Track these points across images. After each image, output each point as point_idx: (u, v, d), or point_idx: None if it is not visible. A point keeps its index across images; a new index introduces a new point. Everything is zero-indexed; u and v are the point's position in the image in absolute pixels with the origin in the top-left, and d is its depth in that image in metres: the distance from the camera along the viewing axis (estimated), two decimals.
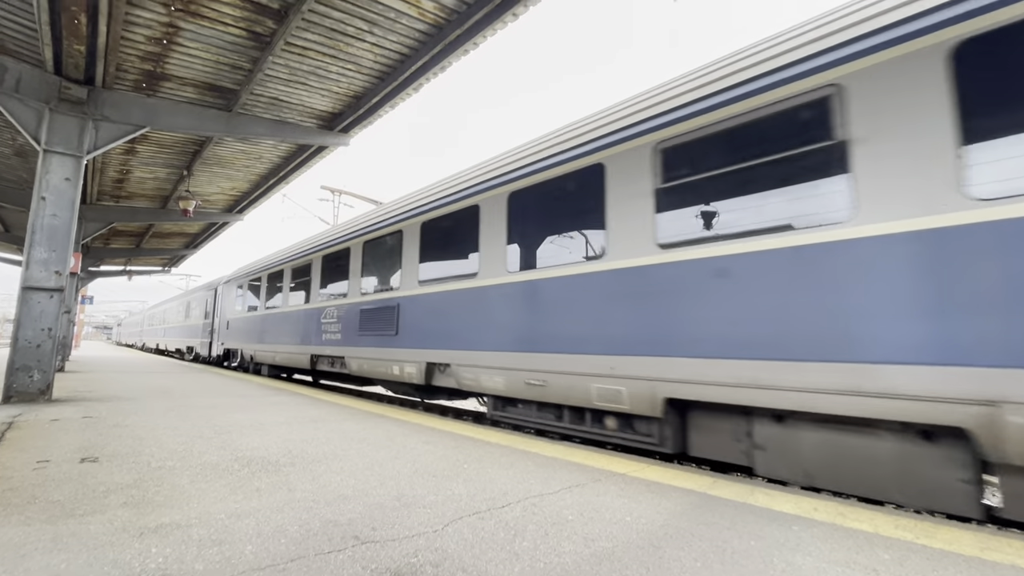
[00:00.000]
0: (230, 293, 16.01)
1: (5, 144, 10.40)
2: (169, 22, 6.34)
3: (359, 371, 8.16)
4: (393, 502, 2.75)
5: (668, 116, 4.34)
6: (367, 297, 8.21)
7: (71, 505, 2.57)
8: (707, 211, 4.22)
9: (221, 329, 16.60)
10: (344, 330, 8.68)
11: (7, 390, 6.40)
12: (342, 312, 8.84)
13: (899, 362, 2.95)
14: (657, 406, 4.15)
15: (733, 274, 3.77)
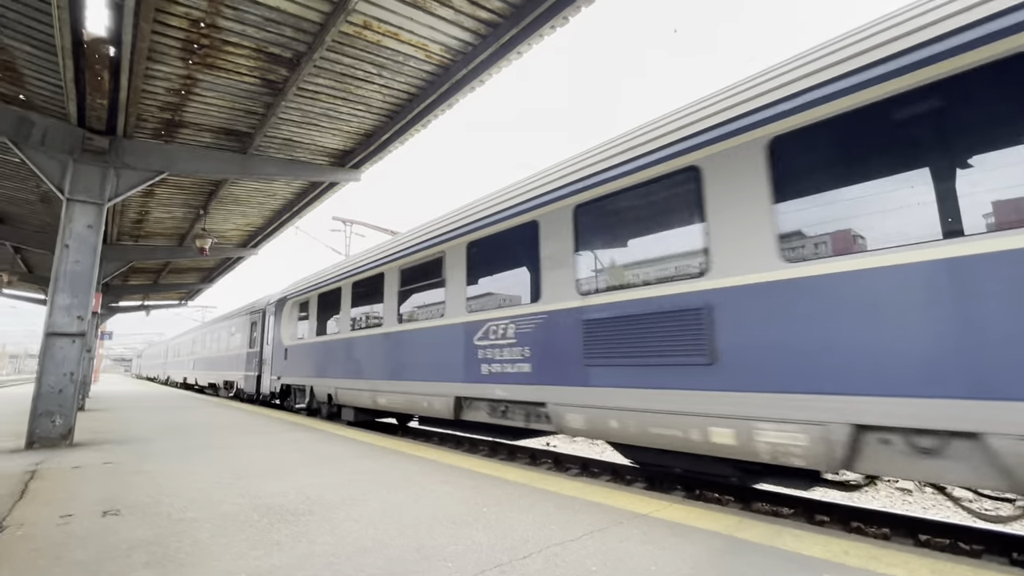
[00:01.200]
0: (288, 314, 12.76)
1: (30, 192, 10.78)
2: (187, 74, 6.60)
3: (623, 434, 4.58)
4: (414, 554, 2.72)
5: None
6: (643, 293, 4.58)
7: (95, 566, 2.58)
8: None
9: (275, 360, 13.25)
10: (547, 355, 5.43)
11: (30, 436, 6.50)
12: (541, 325, 5.52)
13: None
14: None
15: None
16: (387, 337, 8.28)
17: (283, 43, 6.09)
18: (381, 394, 8.25)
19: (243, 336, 16.67)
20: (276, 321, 13.50)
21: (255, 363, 15.15)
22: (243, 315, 17.10)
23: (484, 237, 6.55)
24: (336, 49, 6.24)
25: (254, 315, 15.81)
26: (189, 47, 6.08)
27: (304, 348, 11.58)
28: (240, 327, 17.17)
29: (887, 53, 3.37)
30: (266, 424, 9.21)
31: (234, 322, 18.25)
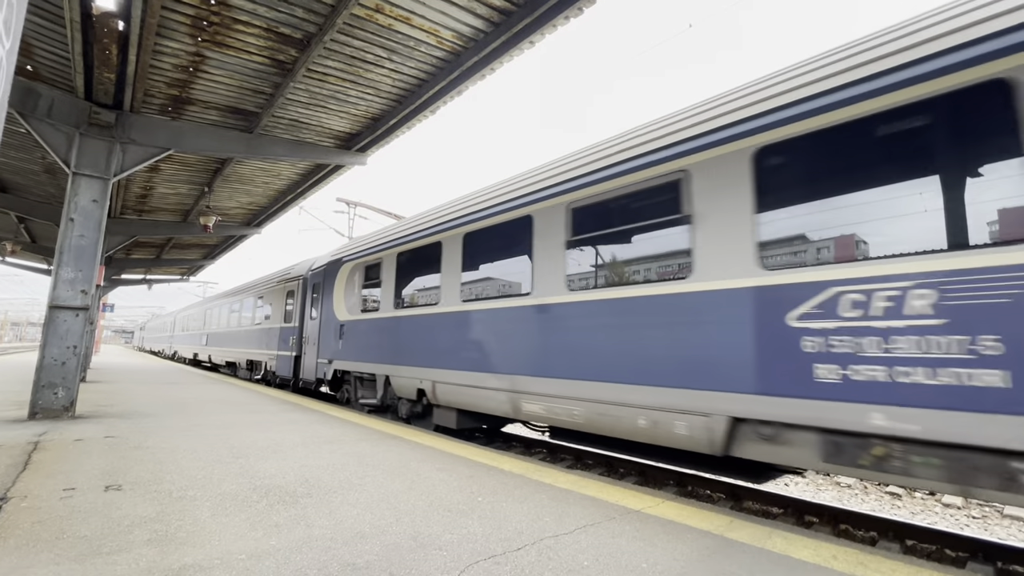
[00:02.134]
0: (344, 280, 9.95)
1: (35, 162, 10.75)
2: (196, 51, 6.55)
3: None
4: (409, 542, 2.77)
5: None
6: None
7: (98, 541, 2.63)
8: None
9: (324, 338, 10.58)
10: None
11: (32, 407, 6.57)
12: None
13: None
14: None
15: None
16: (546, 313, 5.50)
17: (294, 23, 6.03)
18: (529, 398, 5.59)
19: (275, 308, 13.80)
20: (325, 290, 10.72)
21: (292, 341, 12.30)
22: (274, 284, 14.28)
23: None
24: (347, 31, 6.17)
25: (289, 283, 13.09)
26: (199, 24, 6.02)
27: (374, 325, 8.72)
28: (271, 298, 14.30)
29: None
30: (265, 403, 9.30)
31: (263, 292, 15.22)
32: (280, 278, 14.05)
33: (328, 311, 10.50)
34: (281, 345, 13.03)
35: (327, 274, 10.82)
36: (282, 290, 13.60)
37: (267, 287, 14.96)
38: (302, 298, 12.19)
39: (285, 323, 13.01)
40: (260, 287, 15.79)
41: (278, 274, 14.60)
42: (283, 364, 12.69)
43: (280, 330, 13.27)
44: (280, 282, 13.91)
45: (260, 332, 15.00)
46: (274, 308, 14.04)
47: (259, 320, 15.30)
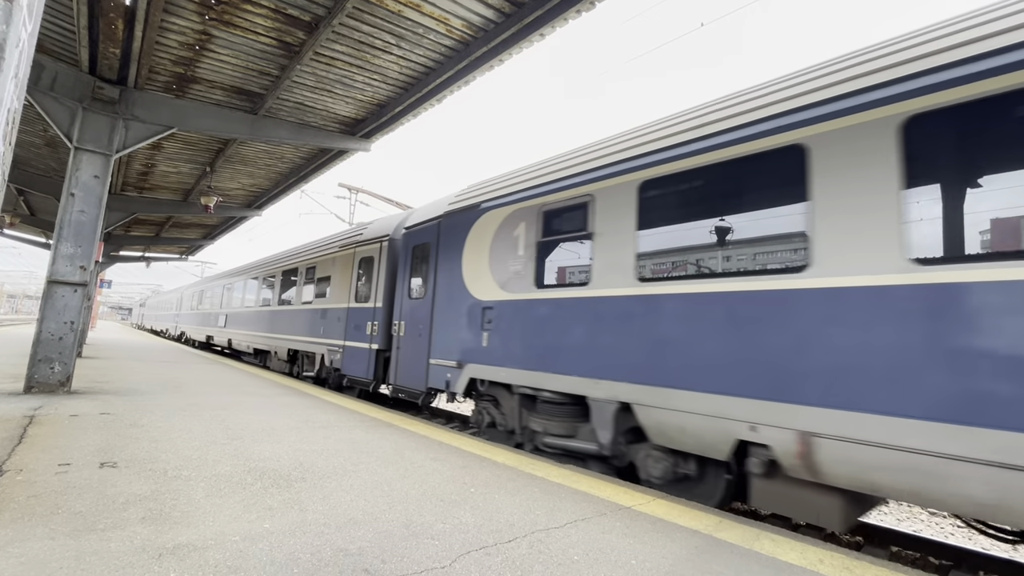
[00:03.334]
0: (492, 239, 6.50)
1: (37, 135, 10.68)
2: (203, 29, 6.48)
3: None
4: (402, 530, 2.80)
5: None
6: None
7: (92, 517, 2.65)
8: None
9: (443, 329, 7.11)
10: None
11: (28, 380, 6.58)
12: None
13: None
14: None
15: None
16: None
17: (302, 5, 5.97)
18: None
19: (337, 283, 10.30)
20: (441, 256, 7.28)
21: (372, 329, 8.79)
22: (334, 250, 10.75)
23: None
24: (356, 16, 6.12)
25: (364, 248, 9.58)
26: (207, 2, 5.96)
27: (577, 311, 5.27)
28: (331, 268, 10.72)
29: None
30: (261, 385, 9.32)
31: (314, 261, 11.76)
32: (346, 241, 10.31)
33: (451, 287, 6.94)
34: (352, 333, 9.40)
35: (445, 231, 7.20)
36: (349, 257, 9.97)
37: (323, 254, 11.28)
38: (389, 268, 8.78)
39: (357, 303, 9.40)
40: (310, 255, 12.02)
41: (341, 236, 10.83)
42: (354, 360, 9.14)
43: (348, 312, 9.61)
44: (347, 246, 10.19)
45: (310, 315, 11.37)
46: (336, 282, 10.40)
47: (308, 298, 11.74)
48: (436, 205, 7.95)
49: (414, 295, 7.99)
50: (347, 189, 22.56)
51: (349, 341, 9.53)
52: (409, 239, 8.31)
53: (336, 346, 9.96)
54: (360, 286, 9.55)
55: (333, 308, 10.39)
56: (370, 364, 8.79)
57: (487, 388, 6.36)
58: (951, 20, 3.50)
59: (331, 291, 10.57)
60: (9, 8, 1.35)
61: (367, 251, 9.54)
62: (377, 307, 8.85)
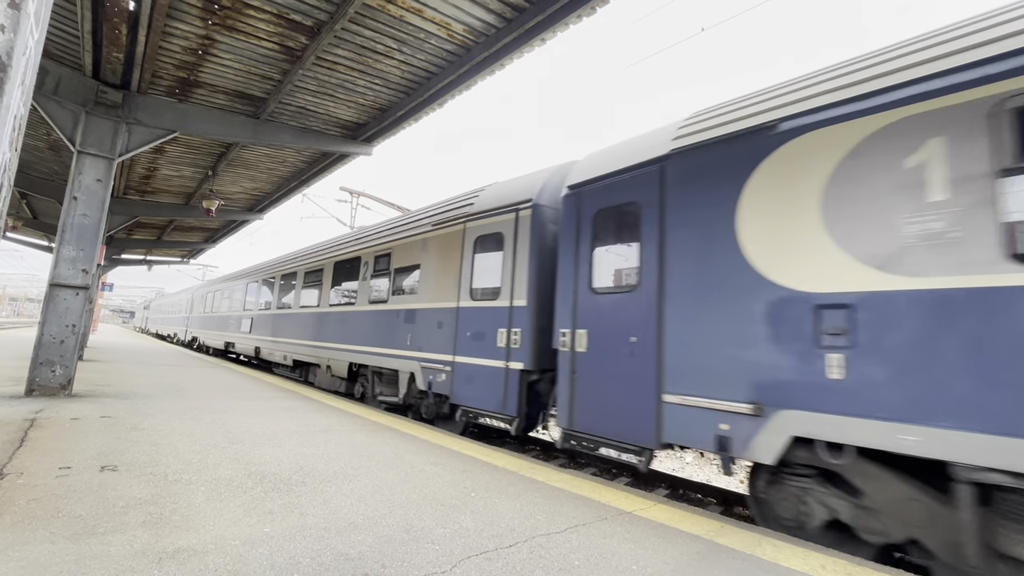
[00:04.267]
0: (828, 185, 3.68)
1: (40, 138, 10.72)
2: (205, 34, 6.52)
3: None
4: (402, 534, 2.79)
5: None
6: None
7: (93, 521, 2.65)
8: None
9: (701, 344, 4.23)
10: None
11: (30, 383, 6.59)
12: None
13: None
14: None
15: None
16: None
17: (305, 10, 6.00)
18: None
19: (439, 273, 7.50)
20: (662, 222, 4.73)
21: (507, 340, 6.17)
22: (428, 228, 7.94)
23: None
24: (358, 21, 6.15)
25: (488, 222, 6.83)
26: (210, 7, 6.00)
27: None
28: (426, 254, 7.88)
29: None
30: (261, 389, 9.32)
31: (390, 246, 8.87)
32: (446, 215, 7.61)
33: (708, 269, 4.31)
34: (467, 345, 6.69)
35: (679, 179, 4.64)
36: (455, 237, 7.28)
37: (404, 236, 8.50)
38: (536, 248, 6.06)
39: (475, 300, 6.73)
40: (381, 239, 9.21)
41: (435, 210, 8.14)
42: (474, 384, 6.47)
43: (459, 315, 6.92)
44: (448, 222, 7.49)
45: (386, 318, 8.53)
46: (431, 273, 7.64)
47: (379, 295, 8.90)
48: (639, 144, 5.22)
49: (603, 286, 5.22)
50: (348, 193, 22.63)
51: (463, 356, 6.71)
52: (586, 200, 5.44)
53: (438, 362, 7.11)
54: (478, 276, 6.76)
55: (429, 309, 7.53)
56: (507, 392, 5.98)
57: (828, 456, 3.54)
58: None
59: (423, 285, 7.79)
60: (16, 16, 1.37)
61: (489, 226, 6.72)
62: (516, 306, 6.07)
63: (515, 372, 5.95)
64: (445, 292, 7.29)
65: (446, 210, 7.78)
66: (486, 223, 6.84)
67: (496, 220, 6.68)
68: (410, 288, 8.18)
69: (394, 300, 8.48)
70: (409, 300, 8.10)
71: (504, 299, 6.30)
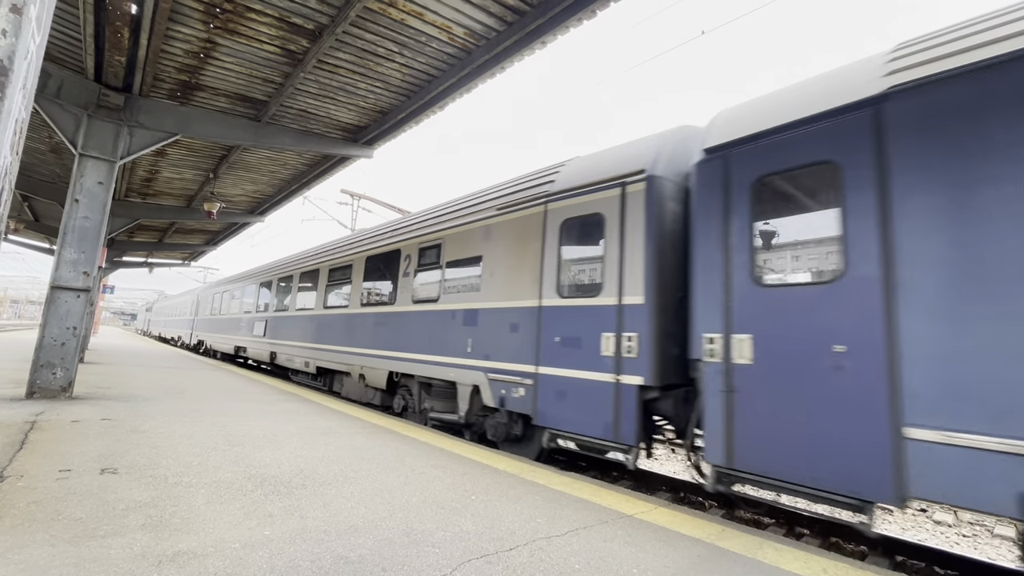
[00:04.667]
0: None
1: (41, 141, 10.76)
2: (207, 38, 6.55)
3: None
4: (402, 537, 2.79)
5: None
6: None
7: (93, 524, 2.65)
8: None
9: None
10: None
11: (31, 386, 6.59)
12: None
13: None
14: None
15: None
16: None
17: (306, 14, 6.03)
18: None
19: (510, 265, 6.32)
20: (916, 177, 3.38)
21: (616, 347, 4.94)
22: (493, 212, 6.77)
23: None
24: (359, 24, 6.17)
25: (579, 201, 5.64)
26: (211, 10, 6.02)
27: None
28: (489, 243, 6.71)
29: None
30: (262, 391, 9.31)
31: (449, 234, 7.46)
32: (519, 195, 6.44)
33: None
34: (555, 353, 5.52)
35: (929, 121, 3.36)
36: (532, 222, 6.09)
37: (461, 223, 7.23)
38: (655, 231, 4.88)
39: (565, 298, 5.56)
40: (430, 228, 7.91)
41: (501, 190, 6.92)
42: (568, 401, 5.28)
43: (541, 315, 5.75)
44: (521, 204, 6.32)
45: (439, 320, 7.26)
46: (498, 265, 6.45)
47: (429, 294, 7.62)
48: (823, 86, 4.04)
49: (775, 278, 4.56)
50: (349, 195, 22.66)
51: (550, 366, 5.50)
52: (739, 165, 4.26)
53: (513, 373, 5.90)
54: (568, 268, 5.62)
55: (498, 309, 6.31)
56: (619, 413, 4.78)
57: None
58: None
59: (487, 280, 6.54)
60: (18, 20, 1.37)
61: (582, 206, 5.52)
62: (629, 305, 4.86)
63: (630, 388, 4.70)
64: (519, 288, 6.08)
65: (516, 190, 6.57)
66: (577, 203, 5.60)
67: (592, 199, 5.45)
68: (470, 284, 6.90)
69: (448, 299, 7.21)
70: (469, 298, 6.83)
71: (608, 296, 5.07)
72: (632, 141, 5.67)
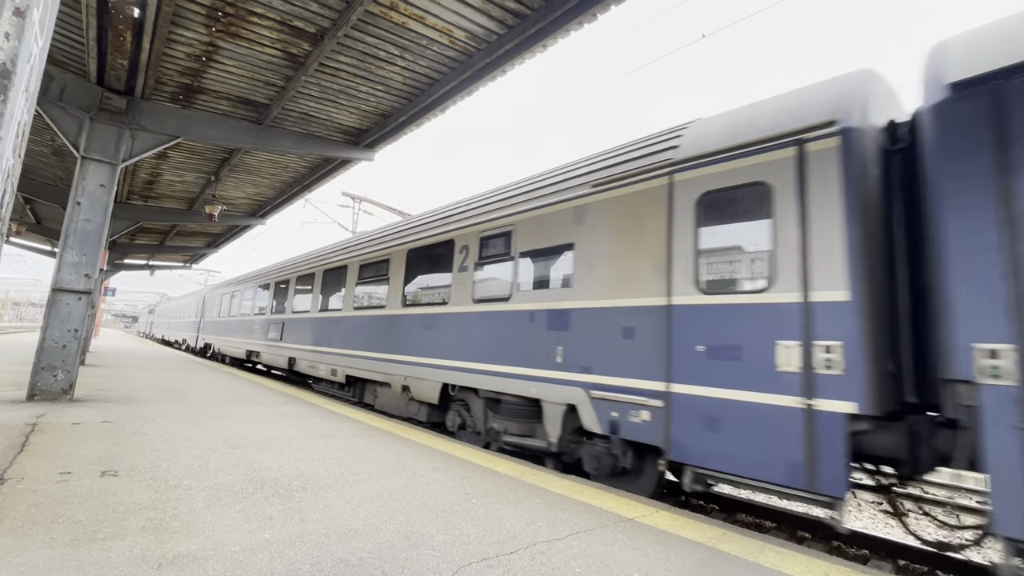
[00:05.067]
0: None
1: (44, 144, 10.80)
2: (209, 41, 6.57)
3: None
4: (403, 540, 2.78)
5: None
6: None
7: (93, 527, 2.64)
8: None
9: None
10: None
11: (31, 388, 6.59)
12: None
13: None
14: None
15: None
16: None
17: (308, 17, 6.05)
18: None
19: (616, 254, 5.09)
20: None
21: (802, 360, 3.64)
22: (588, 191, 5.54)
23: None
24: (360, 28, 6.19)
25: (722, 168, 4.41)
26: (214, 14, 6.04)
27: None
28: (582, 228, 5.51)
29: None
30: (263, 394, 9.31)
31: (520, 220, 6.31)
32: (637, 162, 5.19)
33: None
34: (701, 366, 4.23)
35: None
36: (651, 197, 4.92)
37: (545, 203, 6.03)
38: (859, 199, 3.67)
39: (710, 294, 4.31)
40: (497, 210, 6.73)
41: (608, 156, 5.70)
42: (738, 434, 3.89)
43: (672, 316, 4.52)
44: (639, 176, 5.09)
45: (511, 322, 6.13)
46: (596, 254, 5.33)
47: (497, 289, 6.51)
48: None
49: None
50: (351, 198, 22.69)
51: (688, 384, 4.28)
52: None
53: (634, 392, 4.66)
54: (711, 255, 4.38)
55: (601, 309, 5.12)
56: (813, 451, 3.53)
57: None
58: None
59: (581, 274, 5.37)
60: (21, 24, 1.38)
61: (732, 174, 4.35)
62: (824, 302, 3.67)
63: (832, 417, 3.44)
64: (634, 282, 4.85)
65: (621, 160, 5.32)
66: (721, 171, 4.38)
67: (747, 164, 4.24)
68: (555, 278, 5.70)
69: (523, 297, 5.99)
70: (554, 296, 5.60)
71: (787, 290, 3.83)
72: (799, 88, 4.47)
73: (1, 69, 1.35)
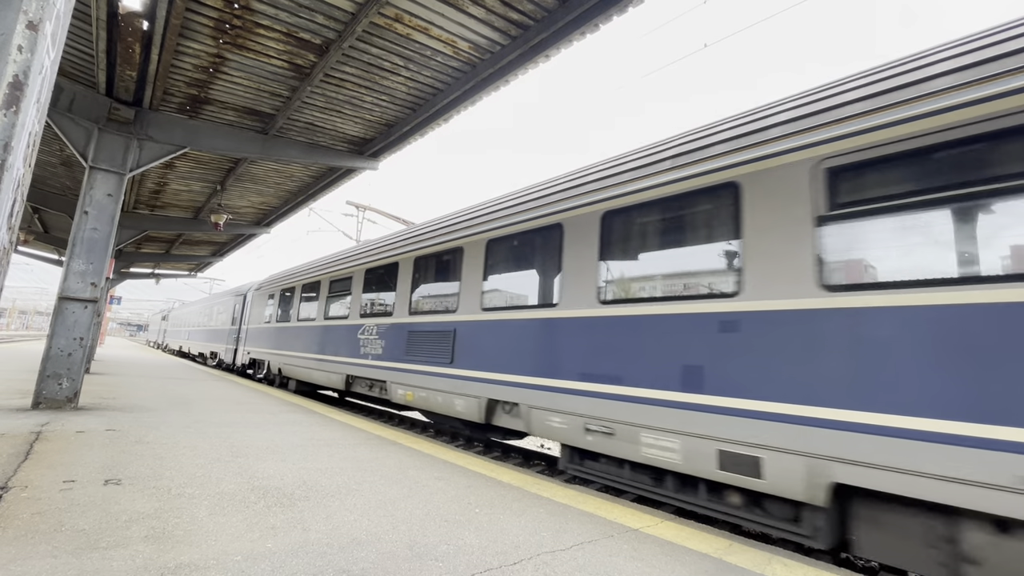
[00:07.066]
0: None
1: (52, 154, 10.93)
2: (216, 53, 6.66)
3: None
4: (406, 551, 2.76)
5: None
6: None
7: (95, 535, 2.64)
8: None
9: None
10: None
11: (36, 396, 6.61)
12: None
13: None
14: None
15: None
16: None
17: (314, 29, 6.13)
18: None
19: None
20: None
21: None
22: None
23: None
24: (365, 39, 6.27)
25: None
26: (221, 26, 6.13)
27: None
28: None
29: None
30: (267, 403, 9.31)
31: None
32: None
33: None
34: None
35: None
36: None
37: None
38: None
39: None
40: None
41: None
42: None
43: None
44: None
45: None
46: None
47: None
48: None
49: None
50: (355, 207, 22.81)
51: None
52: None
53: None
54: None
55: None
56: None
57: None
58: None
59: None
60: (34, 37, 1.41)
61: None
62: None
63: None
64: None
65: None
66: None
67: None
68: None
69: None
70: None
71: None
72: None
73: (14, 81, 1.37)
